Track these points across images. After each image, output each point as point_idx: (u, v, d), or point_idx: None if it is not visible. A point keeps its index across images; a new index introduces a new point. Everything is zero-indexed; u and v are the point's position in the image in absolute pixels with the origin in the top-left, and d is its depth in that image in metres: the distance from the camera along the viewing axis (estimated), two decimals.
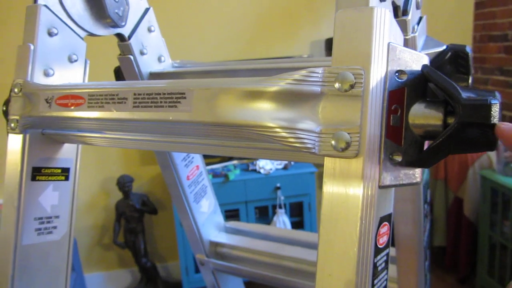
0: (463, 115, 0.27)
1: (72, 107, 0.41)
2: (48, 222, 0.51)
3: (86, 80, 0.55)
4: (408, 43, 0.45)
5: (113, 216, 2.44)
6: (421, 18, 0.50)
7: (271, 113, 0.32)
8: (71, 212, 0.54)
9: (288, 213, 2.29)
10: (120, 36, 0.61)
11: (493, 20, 2.55)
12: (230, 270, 0.81)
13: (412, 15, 0.45)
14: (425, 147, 0.32)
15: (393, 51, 0.31)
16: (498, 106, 0.27)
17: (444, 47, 0.48)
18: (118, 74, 0.67)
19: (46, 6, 0.51)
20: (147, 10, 0.64)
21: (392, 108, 0.30)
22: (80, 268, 2.14)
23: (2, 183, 0.50)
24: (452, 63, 0.47)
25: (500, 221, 2.11)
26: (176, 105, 0.34)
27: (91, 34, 0.57)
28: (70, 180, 0.53)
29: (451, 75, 0.47)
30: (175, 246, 2.32)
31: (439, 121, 0.30)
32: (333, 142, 0.30)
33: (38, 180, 0.49)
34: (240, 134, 0.33)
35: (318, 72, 0.31)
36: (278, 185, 2.27)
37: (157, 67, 0.65)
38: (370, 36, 0.30)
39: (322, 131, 0.30)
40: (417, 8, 0.48)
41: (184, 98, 0.33)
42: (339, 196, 0.30)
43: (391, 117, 0.30)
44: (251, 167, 2.35)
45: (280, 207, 2.27)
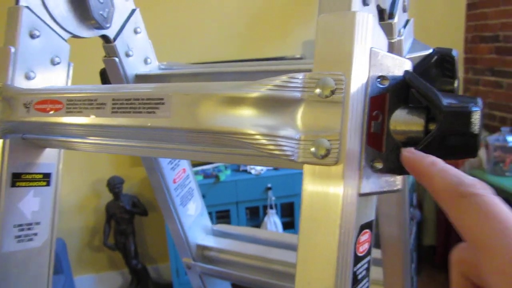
0: (443, 122, 0.27)
1: (51, 112, 0.40)
2: (29, 229, 0.50)
3: (69, 83, 0.54)
4: (394, 47, 0.45)
5: (103, 218, 2.42)
6: (408, 21, 0.49)
7: (251, 120, 0.31)
8: (53, 218, 0.53)
9: (279, 213, 2.29)
10: (105, 38, 0.60)
11: (485, 21, 2.57)
12: (217, 273, 0.80)
13: (398, 18, 0.45)
14: None
15: (375, 57, 0.30)
16: (479, 114, 0.26)
17: (431, 51, 0.47)
18: (104, 76, 0.66)
19: (28, 7, 0.50)
20: (133, 11, 0.63)
21: (373, 114, 0.30)
22: (70, 271, 2.12)
23: None
24: (438, 66, 0.47)
25: None
26: (155, 111, 0.33)
27: (75, 36, 0.56)
28: (52, 186, 0.52)
29: (437, 78, 0.47)
30: (166, 247, 2.31)
31: (420, 127, 0.30)
32: (313, 149, 0.29)
33: (18, 186, 0.48)
34: (219, 140, 0.32)
35: (298, 78, 0.30)
36: (269, 185, 2.27)
37: (143, 69, 0.64)
38: (351, 41, 0.29)
39: (302, 138, 0.30)
40: (403, 11, 0.47)
41: (163, 103, 0.33)
42: (318, 204, 0.29)
43: (372, 124, 0.30)
44: (242, 168, 2.34)
45: (271, 208, 2.27)
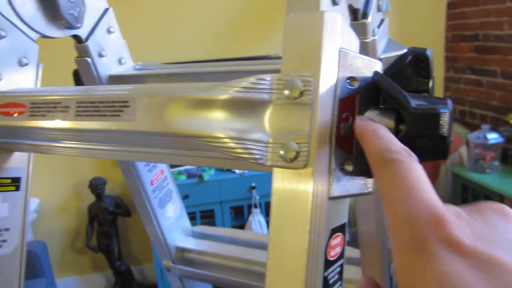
0: (411, 124, 0.26)
1: (15, 115, 0.38)
2: None
3: (39, 85, 0.53)
4: (368, 47, 0.44)
5: (86, 219, 2.39)
6: (382, 20, 0.49)
7: (218, 122, 0.30)
8: (23, 223, 0.51)
9: (264, 212, 2.28)
10: (77, 38, 0.58)
11: (465, 20, 2.60)
12: (197, 276, 0.79)
13: (372, 18, 0.44)
14: None
15: (344, 57, 0.30)
16: (447, 116, 0.26)
17: (405, 50, 0.47)
18: (77, 77, 0.65)
19: None
20: (106, 10, 0.61)
21: (343, 116, 0.29)
22: (51, 274, 2.08)
23: None
24: (413, 66, 0.47)
25: None
26: (120, 114, 0.32)
27: (44, 36, 0.54)
28: (22, 190, 0.51)
29: (412, 78, 0.47)
30: (150, 248, 2.29)
31: (390, 129, 0.29)
32: (281, 152, 0.29)
33: None
34: (187, 143, 0.31)
35: (266, 79, 0.29)
36: (253, 184, 2.26)
37: (117, 70, 0.63)
38: (319, 41, 0.29)
39: (270, 141, 0.29)
40: (378, 10, 0.47)
41: (128, 106, 0.32)
42: (287, 209, 0.29)
43: (341, 126, 0.29)
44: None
45: (256, 207, 2.26)
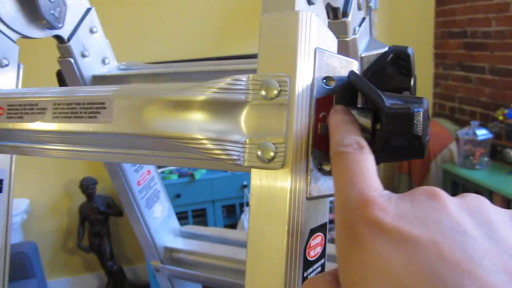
0: (385, 124, 0.27)
1: None
2: None
3: (19, 86, 0.52)
4: (349, 45, 0.44)
5: (77, 220, 2.37)
6: (363, 19, 0.49)
7: (195, 124, 0.30)
8: (6, 225, 0.51)
9: None
10: (59, 38, 0.58)
11: (453, 17, 2.62)
12: (187, 276, 0.79)
13: (352, 17, 0.45)
14: None
15: (320, 57, 0.29)
16: (421, 115, 0.26)
17: (386, 49, 0.47)
18: (61, 78, 0.64)
19: None
20: (88, 10, 0.61)
21: (320, 116, 0.29)
22: (42, 274, 2.07)
23: None
24: (394, 64, 0.47)
25: None
26: (96, 115, 0.32)
27: (24, 37, 0.54)
28: (4, 192, 0.50)
29: (393, 77, 0.47)
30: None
31: (367, 128, 0.29)
32: (258, 152, 0.29)
33: None
34: (165, 145, 0.31)
35: (243, 80, 0.29)
36: (245, 183, 2.26)
37: (101, 70, 0.62)
38: (295, 41, 0.29)
39: (247, 142, 0.29)
40: (358, 9, 0.47)
41: (104, 108, 0.31)
42: (265, 209, 0.29)
43: (318, 126, 0.29)
44: None
45: (248, 205, 2.26)
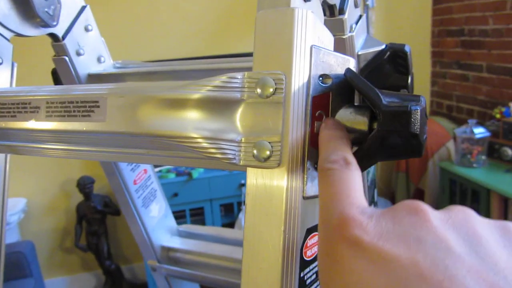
0: (383, 122, 0.26)
1: None
2: None
3: (13, 84, 0.52)
4: (346, 43, 0.44)
5: (74, 219, 2.37)
6: (360, 16, 0.49)
7: (190, 122, 0.30)
8: (1, 225, 0.50)
9: None
10: (54, 36, 0.57)
11: (450, 15, 2.61)
12: (184, 275, 0.79)
13: (349, 14, 0.44)
14: None
15: (316, 54, 0.29)
16: (418, 113, 0.26)
17: (383, 47, 0.47)
18: (56, 76, 0.64)
19: None
20: (83, 8, 0.60)
21: (316, 114, 0.29)
22: (40, 274, 2.06)
23: None
24: (391, 62, 0.46)
25: None
26: (90, 114, 0.31)
27: (19, 35, 0.53)
28: None
29: (390, 75, 0.46)
30: None
31: (364, 127, 0.29)
32: (254, 151, 0.28)
33: None
34: (159, 144, 0.31)
35: (238, 78, 0.29)
36: (243, 181, 2.25)
37: (97, 68, 0.62)
38: (291, 39, 0.28)
39: (243, 141, 0.29)
40: (355, 6, 0.47)
41: (98, 106, 0.31)
42: (261, 209, 0.28)
43: (315, 124, 0.29)
44: None
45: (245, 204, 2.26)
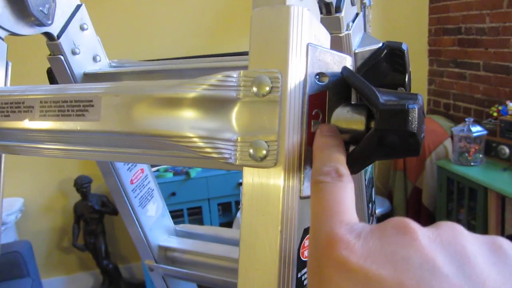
0: (380, 121, 0.26)
1: None
2: None
3: (8, 84, 0.51)
4: (342, 41, 0.44)
5: (72, 218, 2.36)
6: (357, 14, 0.48)
7: (186, 121, 0.29)
8: None
9: None
10: (49, 35, 0.57)
11: (447, 14, 2.62)
12: (181, 275, 0.78)
13: (345, 12, 0.44)
14: None
15: (312, 52, 0.29)
16: (416, 112, 0.25)
17: (380, 45, 0.47)
18: (51, 75, 0.63)
19: None
20: (78, 7, 0.60)
21: (313, 113, 0.29)
22: (37, 273, 2.05)
23: None
24: (388, 61, 0.46)
25: (456, 209, 2.17)
26: (84, 113, 0.31)
27: (13, 34, 0.53)
28: None
29: (387, 73, 0.46)
30: None
31: (361, 126, 0.29)
32: (250, 151, 0.28)
33: None
34: (155, 143, 0.30)
35: (233, 76, 0.29)
36: (241, 180, 2.25)
37: (92, 68, 0.61)
38: (287, 37, 0.28)
39: (239, 140, 0.28)
40: (352, 4, 0.46)
41: (92, 106, 0.31)
42: (258, 209, 0.28)
43: (312, 123, 0.29)
44: None
45: None
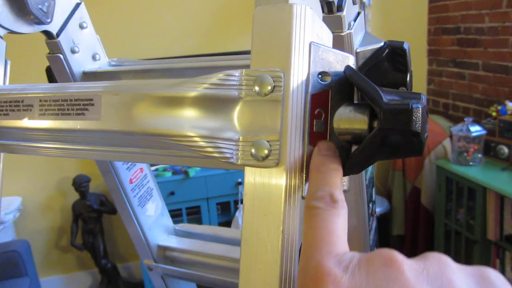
0: (383, 120, 0.26)
1: None
2: None
3: (7, 82, 0.51)
4: (344, 40, 0.44)
5: (70, 217, 2.35)
6: (358, 13, 0.48)
7: (187, 121, 0.29)
8: None
9: None
10: (48, 34, 0.57)
11: (446, 13, 2.62)
12: (180, 274, 0.78)
13: (347, 11, 0.44)
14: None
15: (315, 51, 0.29)
16: (420, 111, 0.25)
17: (382, 44, 0.46)
18: (50, 74, 0.63)
19: None
20: (77, 5, 0.60)
21: (315, 112, 0.29)
22: (35, 273, 2.05)
23: None
24: (390, 60, 0.46)
25: (455, 209, 2.17)
26: (84, 112, 0.31)
27: (12, 32, 0.52)
28: None
29: (389, 72, 0.46)
30: None
31: (364, 125, 0.28)
32: (252, 150, 0.28)
33: None
34: (156, 143, 0.30)
35: (235, 75, 0.28)
36: (240, 180, 2.25)
37: (91, 66, 0.61)
38: (289, 35, 0.28)
39: (241, 139, 0.28)
40: (353, 3, 0.46)
41: (92, 105, 0.30)
42: (260, 209, 0.28)
43: (314, 122, 0.28)
44: None
45: (242, 203, 2.25)
